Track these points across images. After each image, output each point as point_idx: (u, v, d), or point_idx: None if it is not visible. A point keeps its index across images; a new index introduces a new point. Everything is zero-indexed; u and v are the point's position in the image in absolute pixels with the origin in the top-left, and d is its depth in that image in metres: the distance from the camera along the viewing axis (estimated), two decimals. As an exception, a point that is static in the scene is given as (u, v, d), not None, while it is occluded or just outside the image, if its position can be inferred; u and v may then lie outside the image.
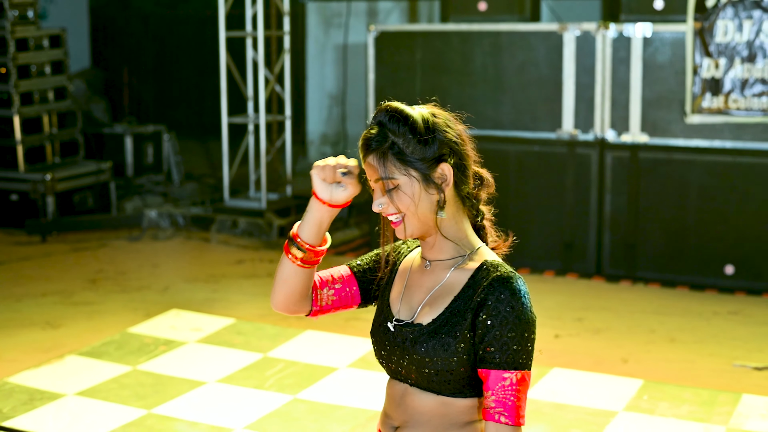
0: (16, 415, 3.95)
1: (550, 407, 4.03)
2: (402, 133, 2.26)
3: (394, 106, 2.28)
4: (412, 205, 2.25)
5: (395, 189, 2.24)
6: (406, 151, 2.25)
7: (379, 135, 2.26)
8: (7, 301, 5.97)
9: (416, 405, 2.36)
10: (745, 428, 3.83)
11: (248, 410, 4.00)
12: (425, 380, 2.31)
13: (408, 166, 2.25)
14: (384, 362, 2.41)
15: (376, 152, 2.24)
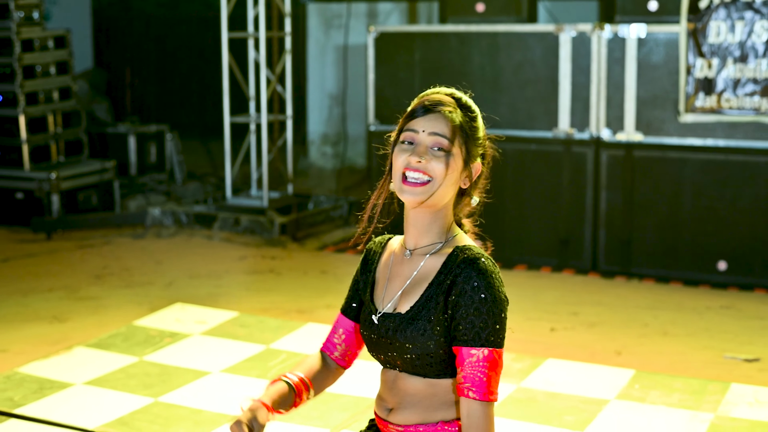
0: (26, 403, 4.07)
1: (544, 396, 4.15)
2: (471, 122, 2.49)
3: (467, 99, 2.53)
4: (446, 175, 2.41)
5: (442, 151, 2.40)
6: (470, 133, 2.44)
7: (458, 105, 2.45)
8: (14, 296, 6.09)
9: (407, 388, 2.50)
10: (733, 415, 3.95)
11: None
12: (410, 365, 2.45)
13: (464, 144, 2.44)
14: (374, 354, 2.55)
15: (448, 115, 2.43)
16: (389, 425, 2.54)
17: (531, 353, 4.84)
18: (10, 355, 4.95)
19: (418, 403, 2.50)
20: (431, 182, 2.41)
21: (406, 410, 2.52)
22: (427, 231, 2.50)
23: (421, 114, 2.46)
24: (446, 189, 2.44)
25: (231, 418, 2.84)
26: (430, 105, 2.47)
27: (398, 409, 2.53)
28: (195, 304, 5.65)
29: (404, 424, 2.50)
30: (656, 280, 6.42)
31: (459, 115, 2.47)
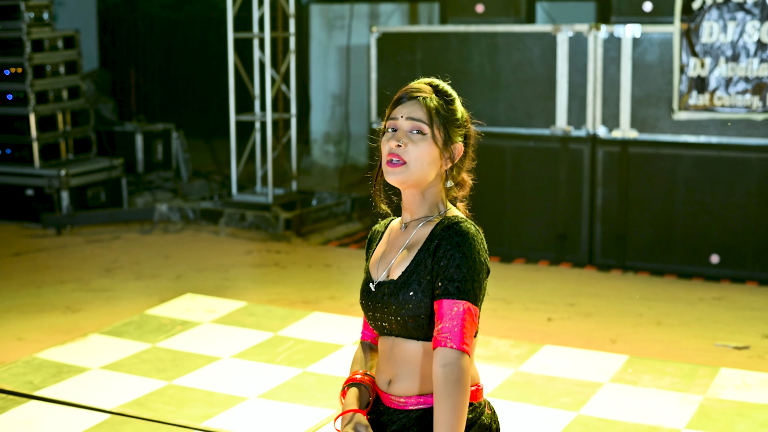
0: (46, 386, 4.26)
1: (541, 379, 4.34)
2: (448, 105, 2.66)
3: (441, 82, 2.70)
4: (422, 156, 2.60)
5: (419, 134, 2.59)
6: (447, 116, 2.64)
7: (435, 91, 2.64)
8: (27, 288, 6.27)
9: (403, 355, 2.68)
10: (721, 397, 4.13)
11: (261, 382, 4.31)
12: (404, 328, 2.64)
13: (443, 126, 2.63)
14: (372, 322, 2.74)
15: (423, 101, 2.62)
16: (390, 397, 2.72)
17: (528, 339, 5.03)
18: (26, 343, 5.14)
19: (414, 372, 2.68)
20: (406, 164, 2.61)
21: (405, 381, 2.70)
22: (420, 207, 2.70)
23: (401, 102, 2.66)
24: (426, 169, 2.63)
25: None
26: (408, 93, 2.66)
27: (396, 380, 2.71)
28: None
29: (405, 395, 2.68)
30: (651, 273, 6.60)
31: (435, 100, 2.65)
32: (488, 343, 4.74)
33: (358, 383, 2.77)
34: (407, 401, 2.69)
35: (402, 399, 2.69)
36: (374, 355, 2.87)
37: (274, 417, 3.92)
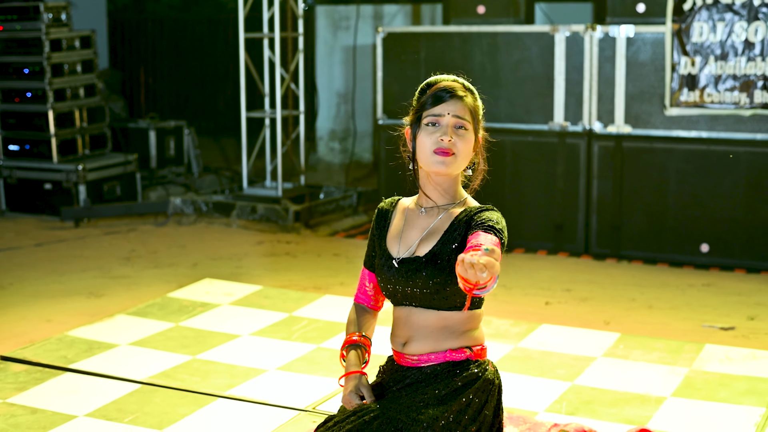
0: (79, 360, 4.59)
1: (538, 354, 4.67)
2: (476, 101, 3.06)
3: (469, 84, 3.09)
4: (467, 150, 2.96)
5: (464, 130, 2.94)
6: (477, 112, 3.01)
7: (467, 90, 3.03)
8: (51, 275, 6.60)
9: (420, 322, 3.03)
10: (705, 369, 4.46)
11: (278, 356, 4.64)
12: (428, 300, 2.99)
13: (475, 122, 3.01)
14: (390, 294, 3.08)
15: (464, 99, 2.99)
16: (405, 356, 3.07)
17: (527, 318, 5.36)
18: (54, 325, 5.46)
19: (429, 335, 3.04)
20: (455, 156, 2.97)
21: (419, 342, 3.05)
22: (445, 193, 3.05)
23: (443, 100, 2.99)
24: (465, 160, 3.01)
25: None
26: (448, 90, 3.00)
27: (411, 341, 3.06)
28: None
29: (418, 353, 3.04)
30: (644, 262, 6.93)
31: (470, 97, 3.02)
32: (489, 322, 5.07)
33: (356, 344, 3.13)
34: (420, 359, 3.04)
35: (415, 357, 3.04)
36: (369, 317, 3.22)
37: (291, 386, 4.26)
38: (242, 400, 4.11)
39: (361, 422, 2.92)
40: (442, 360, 3.03)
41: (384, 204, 3.22)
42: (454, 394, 2.98)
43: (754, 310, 5.77)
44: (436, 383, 3.00)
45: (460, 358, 3.03)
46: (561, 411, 3.97)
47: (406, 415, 2.90)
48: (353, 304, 3.28)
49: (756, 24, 6.49)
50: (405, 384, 3.05)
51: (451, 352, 3.01)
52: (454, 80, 3.08)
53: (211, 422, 3.89)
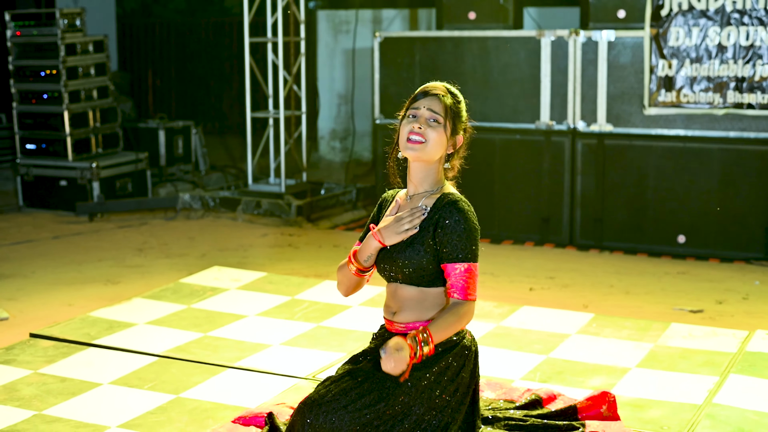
0: (101, 337, 5.05)
1: (517, 332, 5.13)
2: (457, 105, 3.51)
3: (455, 90, 3.55)
4: (436, 139, 3.41)
5: (435, 123, 3.38)
6: (456, 112, 3.43)
7: (449, 93, 3.48)
8: (70, 264, 7.06)
9: (404, 295, 3.51)
10: (669, 345, 4.92)
11: (282, 333, 5.10)
12: (408, 277, 3.45)
13: (451, 120, 3.47)
14: (381, 271, 3.55)
15: (441, 98, 3.45)
16: (394, 324, 3.53)
17: (509, 301, 5.82)
18: (75, 308, 5.92)
19: (414, 307, 3.50)
20: (425, 143, 3.42)
21: (405, 312, 3.52)
22: (423, 181, 3.51)
23: (423, 96, 3.47)
24: (436, 149, 3.45)
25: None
26: (430, 90, 3.47)
27: (399, 312, 3.53)
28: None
29: (404, 322, 3.50)
30: (625, 252, 7.38)
31: (449, 98, 3.48)
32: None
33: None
34: (406, 326, 3.50)
35: (402, 325, 3.51)
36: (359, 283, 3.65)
37: (295, 359, 4.72)
38: (249, 370, 4.57)
39: (353, 382, 3.37)
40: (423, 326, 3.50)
41: (386, 194, 3.69)
42: (435, 358, 3.44)
43: (723, 295, 6.22)
44: (418, 346, 3.46)
45: (440, 327, 3.50)
46: (535, 379, 4.43)
47: (393, 377, 3.36)
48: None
49: (728, 29, 6.94)
50: (395, 348, 3.51)
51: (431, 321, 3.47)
52: (442, 85, 3.55)
53: (221, 388, 4.35)
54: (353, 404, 3.29)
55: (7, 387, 4.41)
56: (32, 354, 4.85)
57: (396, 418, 3.32)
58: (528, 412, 3.86)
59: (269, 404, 4.05)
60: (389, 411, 3.31)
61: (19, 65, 9.13)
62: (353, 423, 3.26)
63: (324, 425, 3.26)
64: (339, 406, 3.28)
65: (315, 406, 3.30)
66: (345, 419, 3.26)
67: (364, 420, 3.28)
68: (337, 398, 3.31)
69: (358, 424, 3.26)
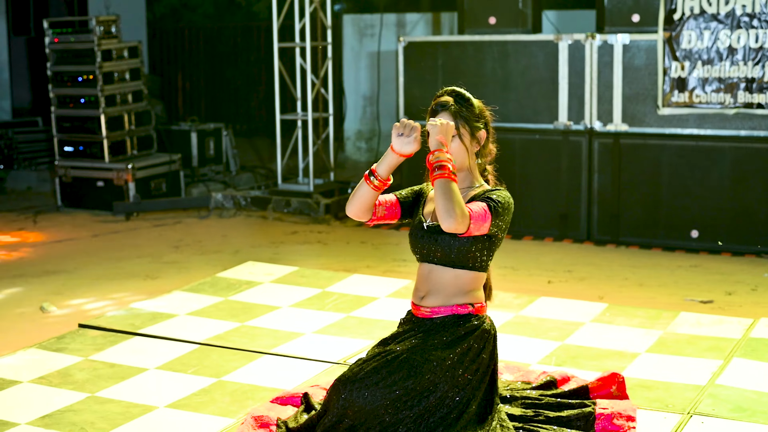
0: (145, 327, 5.41)
1: (534, 320, 5.45)
2: (468, 107, 3.80)
3: (460, 90, 3.83)
4: (457, 150, 3.77)
5: (455, 136, 3.70)
6: (469, 115, 3.75)
7: (456, 100, 3.78)
8: (109, 261, 7.43)
9: (437, 277, 3.83)
10: (678, 332, 5.22)
11: (314, 322, 5.44)
12: (447, 259, 3.77)
13: (467, 124, 3.79)
14: (418, 252, 3.88)
15: (452, 109, 3.77)
16: (421, 308, 3.87)
17: (528, 292, 6.14)
18: (118, 301, 6.28)
19: (442, 291, 3.84)
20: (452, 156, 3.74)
21: (433, 296, 3.85)
22: (462, 180, 3.83)
23: (436, 113, 3.80)
24: (460, 158, 3.77)
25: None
26: (440, 103, 3.80)
27: (429, 295, 3.86)
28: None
29: (431, 306, 3.83)
30: (640, 247, 7.68)
31: (457, 107, 3.79)
32: (495, 296, 5.83)
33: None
34: (432, 311, 3.84)
35: (428, 309, 3.85)
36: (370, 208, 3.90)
37: (326, 345, 5.06)
38: (284, 355, 4.92)
39: (384, 361, 3.71)
40: (449, 313, 3.84)
41: (425, 186, 4.01)
42: (458, 340, 3.78)
43: (732, 287, 6.51)
44: (444, 331, 3.80)
45: (464, 311, 3.84)
46: (551, 363, 4.75)
47: (420, 356, 3.70)
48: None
49: (738, 32, 7.23)
50: (420, 332, 3.85)
51: (457, 307, 3.81)
52: (449, 92, 3.86)
53: (259, 372, 4.69)
54: (384, 381, 3.62)
55: (61, 372, 4.76)
56: (82, 342, 5.21)
57: (422, 394, 3.66)
58: (543, 392, 4.18)
59: (304, 386, 4.40)
60: (417, 387, 3.64)
61: (57, 71, 9.52)
62: (384, 398, 3.60)
63: (357, 400, 3.60)
64: (371, 383, 3.62)
65: (349, 383, 3.64)
66: (376, 395, 3.60)
67: (394, 396, 3.61)
68: (369, 376, 3.64)
69: (388, 399, 3.60)
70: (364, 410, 3.59)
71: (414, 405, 3.63)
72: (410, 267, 7.02)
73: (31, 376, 4.71)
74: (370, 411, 3.59)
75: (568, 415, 3.95)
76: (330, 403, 3.68)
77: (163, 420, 4.17)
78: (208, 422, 4.12)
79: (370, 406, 3.59)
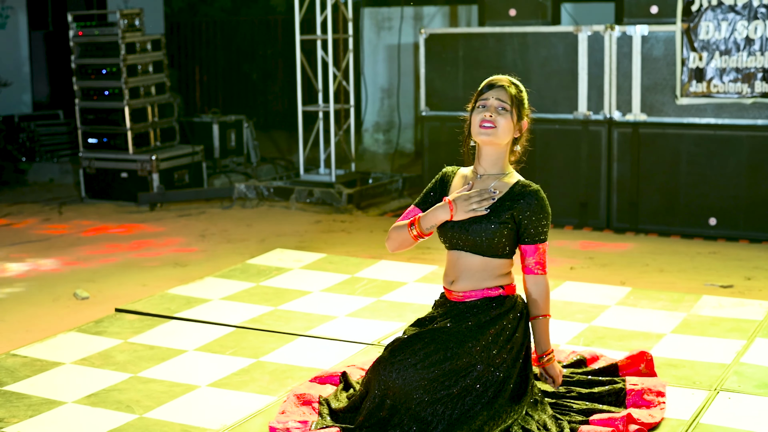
0: (180, 311, 5.56)
1: (561, 304, 5.59)
2: (520, 94, 4.01)
3: (517, 81, 4.05)
4: (505, 125, 3.89)
5: (504, 110, 3.86)
6: (520, 101, 3.93)
7: (512, 84, 3.97)
8: (138, 249, 7.58)
9: (467, 263, 3.97)
10: (701, 314, 5.36)
11: (346, 306, 5.59)
12: (478, 246, 3.91)
13: (516, 108, 3.96)
14: (447, 239, 4.02)
15: (509, 89, 3.95)
16: (452, 293, 4.01)
17: (552, 277, 6.26)
18: (150, 288, 6.43)
19: (472, 276, 3.97)
20: (496, 128, 3.90)
21: (464, 281, 3.99)
22: (494, 164, 3.98)
23: (489, 89, 3.96)
24: (505, 133, 3.93)
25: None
26: (496, 82, 3.95)
27: (458, 280, 4.00)
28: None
29: (462, 290, 3.98)
30: (659, 234, 7.81)
31: (513, 88, 3.95)
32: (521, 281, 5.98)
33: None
34: (465, 295, 3.97)
35: (460, 293, 3.98)
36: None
37: (360, 328, 5.20)
38: (320, 337, 5.06)
39: (421, 343, 3.84)
40: (480, 296, 3.98)
41: (447, 169, 4.16)
42: (491, 321, 3.92)
43: (751, 273, 6.64)
44: (478, 313, 3.94)
45: (495, 294, 3.98)
46: (579, 344, 4.89)
47: (455, 339, 3.84)
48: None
49: (755, 23, 7.35)
50: (453, 314, 3.98)
51: (487, 290, 3.96)
52: (504, 76, 4.02)
53: (296, 353, 4.84)
54: (422, 362, 3.77)
55: (102, 354, 4.92)
56: (120, 326, 5.36)
57: (459, 374, 3.79)
58: (574, 370, 4.32)
59: (341, 365, 4.54)
60: (454, 368, 3.78)
61: (81, 63, 9.66)
62: (422, 379, 3.74)
63: (396, 381, 3.74)
64: (409, 365, 3.76)
65: (388, 365, 3.78)
66: (415, 376, 3.74)
67: (432, 376, 3.75)
68: (407, 357, 3.78)
69: (426, 379, 3.74)
70: (402, 390, 3.73)
71: (451, 385, 3.76)
72: (435, 254, 7.16)
73: (73, 357, 4.87)
74: (409, 391, 3.73)
75: (599, 391, 4.09)
76: (370, 385, 3.82)
77: (207, 398, 4.32)
78: (251, 400, 4.27)
79: (409, 386, 3.73)
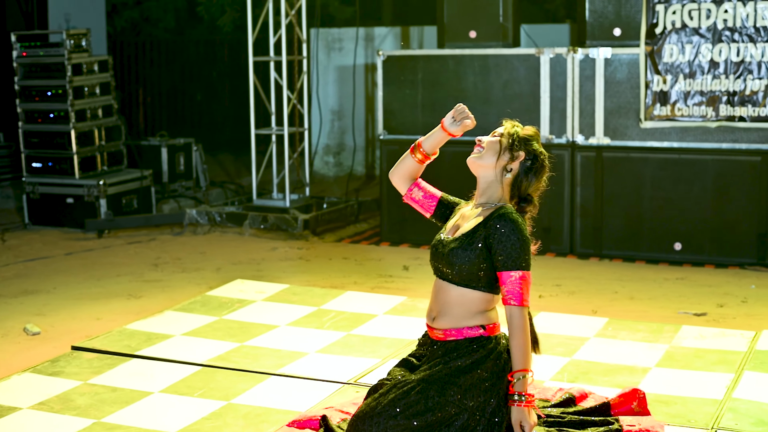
0: (141, 348, 5.28)
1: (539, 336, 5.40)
2: (520, 143, 3.85)
3: (524, 133, 3.89)
4: (490, 145, 3.78)
5: (495, 136, 3.78)
6: (518, 140, 3.82)
7: (519, 127, 3.87)
8: (90, 280, 7.27)
9: (445, 296, 3.81)
10: (683, 345, 5.22)
11: (315, 342, 5.35)
12: (457, 275, 3.74)
13: (509, 141, 3.83)
14: (432, 265, 3.85)
15: (508, 126, 3.85)
16: (434, 330, 3.84)
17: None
18: (104, 322, 6.14)
19: (450, 311, 3.81)
20: (483, 148, 3.76)
21: (444, 317, 3.83)
22: (483, 193, 3.83)
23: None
24: (490, 154, 3.78)
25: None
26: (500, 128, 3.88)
27: (438, 317, 3.83)
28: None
29: (443, 328, 3.80)
30: (623, 260, 7.70)
31: (513, 129, 3.80)
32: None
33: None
34: (445, 333, 3.80)
35: (441, 332, 3.81)
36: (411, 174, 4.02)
37: (332, 365, 4.97)
38: (293, 376, 4.82)
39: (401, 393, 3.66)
40: (461, 336, 3.80)
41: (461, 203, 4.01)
42: (474, 366, 3.76)
43: (723, 299, 6.53)
44: (459, 358, 3.77)
45: (475, 334, 3.81)
46: (563, 380, 4.71)
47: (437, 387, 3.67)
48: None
49: (720, 45, 7.28)
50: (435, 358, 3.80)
51: (467, 329, 3.79)
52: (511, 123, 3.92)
53: (269, 394, 4.59)
54: (402, 414, 3.60)
55: (61, 397, 4.63)
56: (78, 366, 5.07)
57: (443, 424, 3.63)
58: (564, 410, 4.14)
59: (319, 407, 4.31)
60: (436, 419, 3.62)
61: (24, 85, 9.32)
62: (405, 430, 3.55)
63: (377, 434, 3.55)
64: (389, 416, 3.59)
65: (367, 418, 3.61)
66: (396, 428, 3.56)
67: (413, 427, 3.58)
68: (386, 409, 3.61)
69: (408, 430, 3.55)
70: (384, 443, 3.55)
71: (434, 435, 3.60)
72: (398, 283, 6.96)
73: (30, 401, 4.58)
74: (390, 443, 3.55)
75: (594, 432, 3.91)
76: (352, 437, 3.62)
77: (178, 445, 4.06)
78: (226, 447, 4.03)
79: (390, 438, 3.55)
